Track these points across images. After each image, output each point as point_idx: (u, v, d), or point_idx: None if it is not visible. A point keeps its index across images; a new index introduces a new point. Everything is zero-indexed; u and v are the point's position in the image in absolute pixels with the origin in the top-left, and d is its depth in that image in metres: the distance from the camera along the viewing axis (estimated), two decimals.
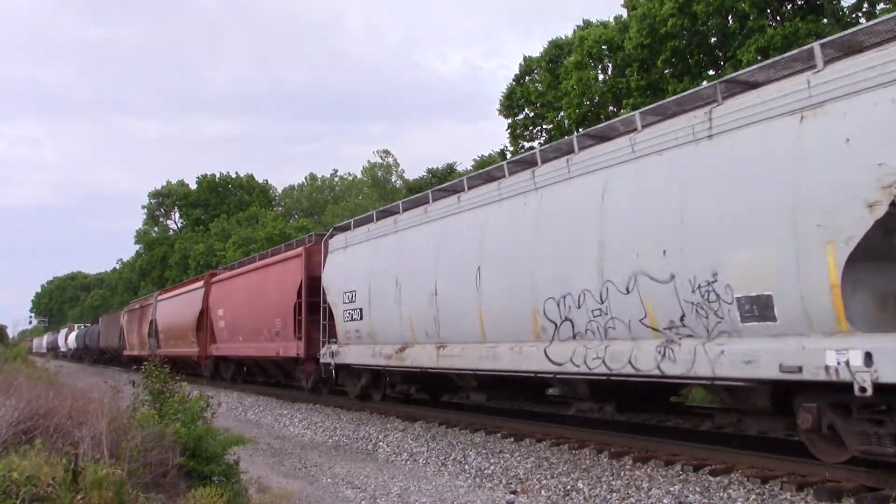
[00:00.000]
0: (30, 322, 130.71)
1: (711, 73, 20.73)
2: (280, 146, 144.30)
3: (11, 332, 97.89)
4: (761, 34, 18.06)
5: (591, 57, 24.86)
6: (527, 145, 29.00)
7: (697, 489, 7.61)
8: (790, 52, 7.84)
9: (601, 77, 25.35)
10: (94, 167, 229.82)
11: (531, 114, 29.49)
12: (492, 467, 9.75)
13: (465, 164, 36.54)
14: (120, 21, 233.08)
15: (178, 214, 64.64)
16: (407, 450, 11.57)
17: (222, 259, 42.70)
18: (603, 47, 24.38)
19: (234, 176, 62.91)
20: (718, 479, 7.89)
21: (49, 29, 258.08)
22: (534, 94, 28.81)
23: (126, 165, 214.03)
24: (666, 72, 21.23)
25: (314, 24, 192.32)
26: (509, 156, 28.65)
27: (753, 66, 8.17)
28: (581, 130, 10.27)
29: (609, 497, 7.85)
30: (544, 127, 28.88)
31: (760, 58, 16.43)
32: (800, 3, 19.61)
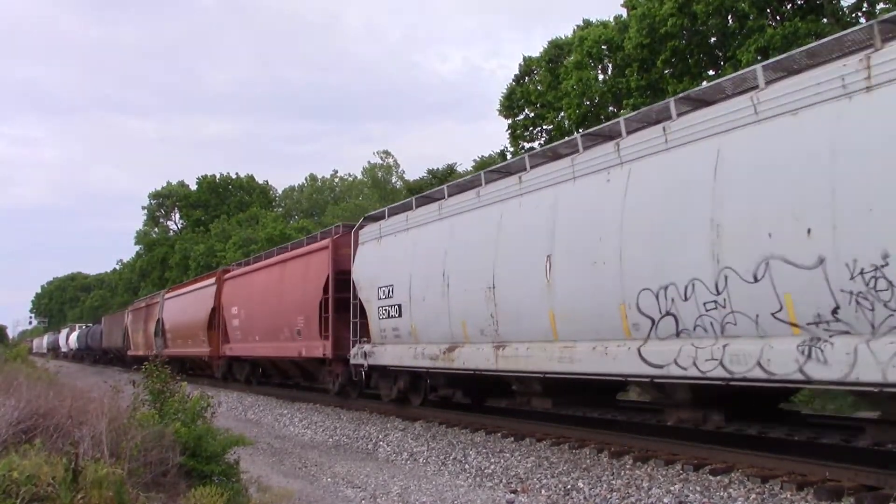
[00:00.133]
0: (30, 322, 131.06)
1: (711, 73, 20.77)
2: (280, 146, 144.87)
3: (11, 333, 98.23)
4: (761, 34, 18.10)
5: (591, 57, 24.92)
6: (527, 146, 29.04)
7: (697, 488, 7.61)
8: None
9: (601, 77, 25.40)
10: (94, 167, 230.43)
11: (531, 114, 29.54)
12: (492, 467, 9.75)
13: (465, 165, 36.64)
14: (120, 21, 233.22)
15: (178, 215, 64.87)
16: (407, 449, 11.57)
17: (222, 260, 42.73)
18: (603, 47, 24.44)
19: (234, 177, 63.20)
20: (718, 478, 7.88)
21: (49, 29, 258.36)
22: (534, 94, 28.86)
23: (126, 165, 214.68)
24: (666, 72, 21.26)
25: (314, 24, 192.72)
26: (509, 156, 28.70)
27: None
28: (677, 95, 9.01)
29: (609, 496, 7.85)
30: (544, 127, 28.94)
31: (760, 58, 16.43)
32: (799, 2, 19.63)
